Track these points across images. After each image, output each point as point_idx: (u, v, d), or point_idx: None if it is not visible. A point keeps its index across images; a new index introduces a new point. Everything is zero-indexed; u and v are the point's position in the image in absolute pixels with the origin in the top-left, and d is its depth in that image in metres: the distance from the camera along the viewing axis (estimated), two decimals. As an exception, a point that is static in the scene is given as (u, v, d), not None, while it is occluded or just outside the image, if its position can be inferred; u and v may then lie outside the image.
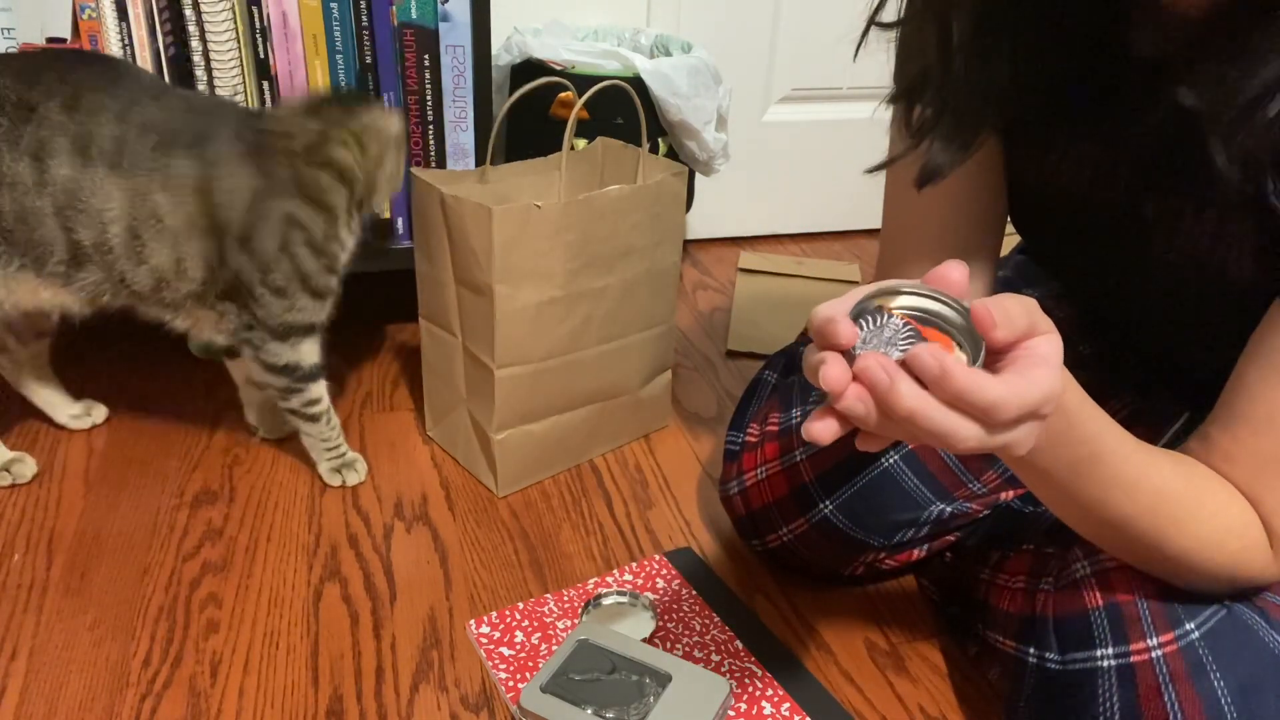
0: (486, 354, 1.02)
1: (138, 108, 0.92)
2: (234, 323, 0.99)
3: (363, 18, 1.19)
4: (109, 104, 0.92)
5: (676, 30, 1.60)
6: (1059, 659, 0.68)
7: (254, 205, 0.93)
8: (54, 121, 0.90)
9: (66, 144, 0.90)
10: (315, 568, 0.96)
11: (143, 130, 0.92)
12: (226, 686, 0.82)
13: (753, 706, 0.81)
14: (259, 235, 0.93)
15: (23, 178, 0.90)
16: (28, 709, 0.80)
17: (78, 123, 0.91)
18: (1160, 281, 0.72)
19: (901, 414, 0.47)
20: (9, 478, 1.03)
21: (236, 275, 0.95)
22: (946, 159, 0.72)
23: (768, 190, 1.78)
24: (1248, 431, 0.62)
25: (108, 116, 0.91)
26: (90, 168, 0.91)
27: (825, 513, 0.86)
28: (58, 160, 0.90)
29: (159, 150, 0.91)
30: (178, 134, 0.92)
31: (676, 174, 1.08)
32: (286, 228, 0.94)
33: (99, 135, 0.91)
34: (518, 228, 0.96)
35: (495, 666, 0.84)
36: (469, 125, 1.27)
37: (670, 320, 1.16)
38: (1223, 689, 0.61)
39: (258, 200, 0.93)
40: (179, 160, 0.92)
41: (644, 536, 1.02)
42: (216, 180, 0.92)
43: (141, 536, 0.99)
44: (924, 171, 0.73)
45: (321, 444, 1.06)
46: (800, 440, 0.88)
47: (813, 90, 1.70)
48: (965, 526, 0.89)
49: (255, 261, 0.94)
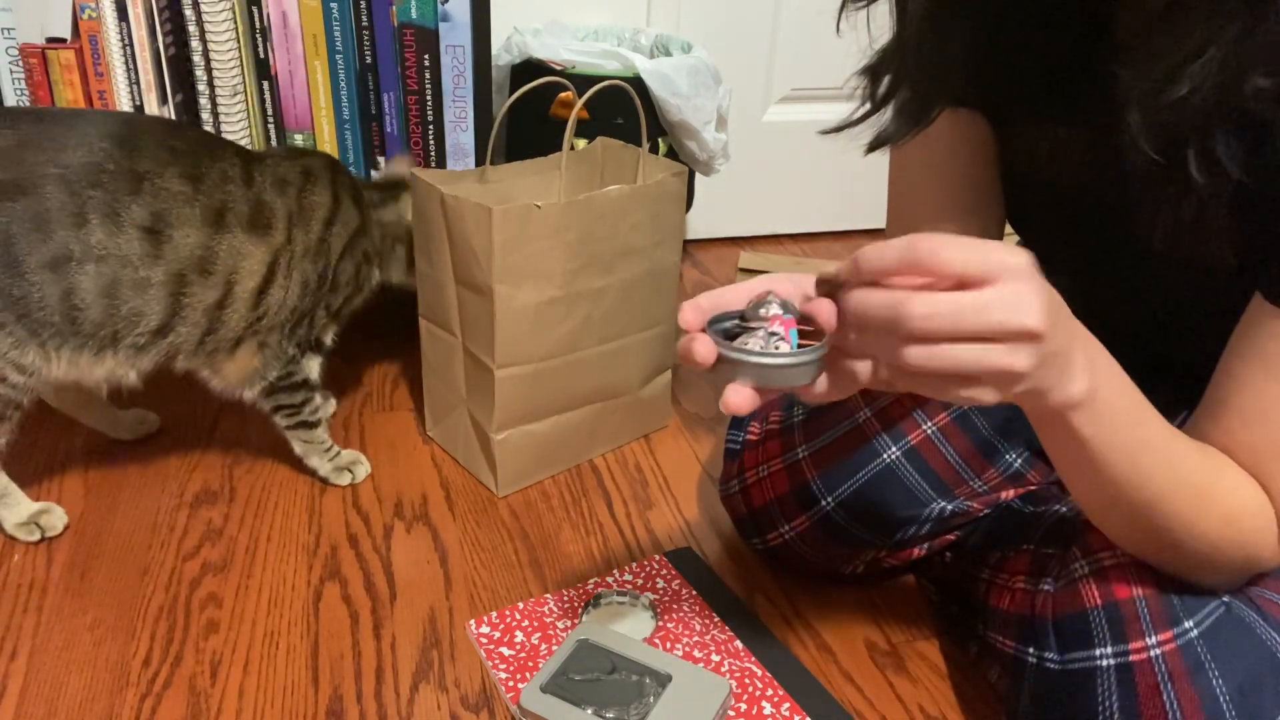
0: (486, 354, 1.02)
1: (256, 165, 0.99)
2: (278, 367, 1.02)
3: (363, 18, 1.19)
4: (230, 171, 0.95)
5: (676, 30, 1.60)
6: (1058, 659, 0.68)
7: (351, 240, 1.06)
8: (173, 192, 0.91)
9: (195, 214, 0.92)
10: (315, 568, 0.96)
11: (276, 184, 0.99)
12: (226, 686, 0.82)
13: (753, 706, 0.81)
14: (345, 263, 1.05)
15: (125, 251, 0.89)
16: (28, 709, 0.80)
17: (205, 192, 0.92)
18: (1149, 272, 0.72)
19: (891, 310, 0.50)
20: (38, 531, 0.98)
21: (313, 301, 1.02)
22: (897, 129, 0.74)
23: (768, 190, 1.78)
24: (1239, 424, 0.63)
25: (233, 179, 0.95)
26: (226, 232, 0.93)
27: (827, 510, 0.86)
28: (183, 231, 0.91)
29: (301, 192, 1.01)
30: (312, 175, 1.03)
31: (676, 174, 1.08)
32: (362, 261, 1.09)
33: (230, 200, 0.94)
34: (518, 228, 0.96)
35: (495, 666, 0.84)
36: (469, 125, 1.27)
37: (670, 320, 1.16)
38: (1221, 687, 0.61)
39: (354, 237, 1.06)
40: (319, 194, 1.02)
41: (644, 536, 1.03)
42: (338, 212, 1.04)
43: (141, 536, 0.99)
44: (874, 139, 0.75)
45: (319, 446, 1.07)
46: (803, 438, 0.89)
47: (813, 90, 1.70)
48: (966, 525, 0.89)
49: (333, 286, 1.05)
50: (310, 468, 1.08)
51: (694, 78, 1.40)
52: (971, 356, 0.50)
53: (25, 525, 0.97)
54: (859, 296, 0.52)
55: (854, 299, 0.52)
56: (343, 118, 1.24)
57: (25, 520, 0.98)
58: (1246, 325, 0.63)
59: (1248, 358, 0.62)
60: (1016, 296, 0.50)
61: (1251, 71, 0.55)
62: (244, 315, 0.97)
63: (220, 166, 0.94)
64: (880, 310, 0.51)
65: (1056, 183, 0.75)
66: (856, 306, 0.52)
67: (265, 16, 1.17)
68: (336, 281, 1.04)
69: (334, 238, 1.03)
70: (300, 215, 0.99)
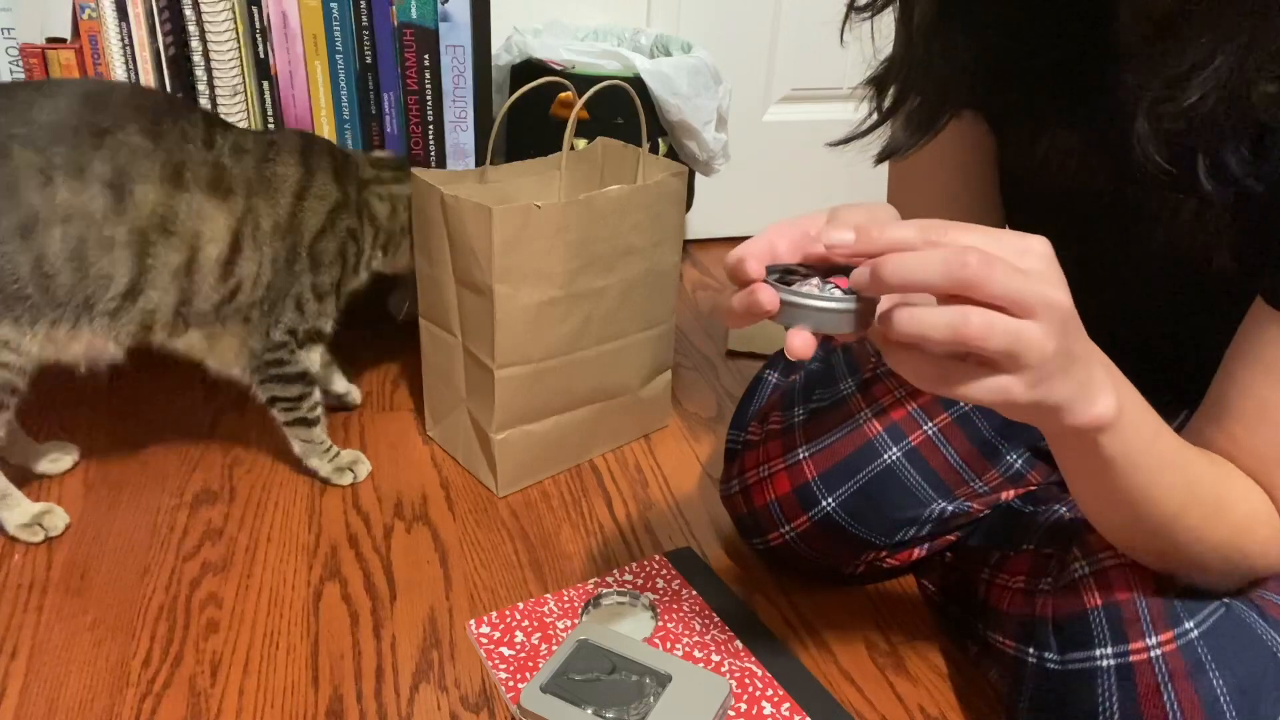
0: (486, 354, 1.02)
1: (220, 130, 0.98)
2: (261, 340, 1.01)
3: (363, 18, 1.19)
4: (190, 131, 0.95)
5: (676, 30, 1.60)
6: (1058, 659, 0.68)
7: (330, 215, 1.04)
8: (133, 146, 0.90)
9: (154, 169, 0.91)
10: (315, 568, 0.96)
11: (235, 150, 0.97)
12: (226, 686, 0.82)
13: (753, 706, 0.81)
14: (325, 241, 1.03)
15: (90, 208, 0.88)
16: (28, 709, 0.80)
17: (165, 149, 0.92)
18: (1148, 274, 0.73)
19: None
20: (41, 532, 0.97)
21: (291, 279, 1.01)
22: (906, 137, 0.74)
23: (768, 190, 1.78)
24: (1242, 429, 0.63)
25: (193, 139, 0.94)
26: (184, 191, 0.92)
27: (827, 510, 0.86)
28: (143, 187, 0.90)
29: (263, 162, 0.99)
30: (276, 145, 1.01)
31: (676, 174, 1.08)
32: (346, 239, 1.06)
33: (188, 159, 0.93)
34: (518, 228, 0.96)
35: (495, 666, 0.84)
36: (469, 125, 1.27)
37: (670, 320, 1.16)
38: (1222, 688, 0.61)
39: (333, 213, 1.04)
40: (285, 166, 1.01)
41: (644, 536, 1.02)
42: (310, 185, 1.02)
43: (141, 536, 0.99)
44: (884, 148, 0.75)
45: (319, 446, 1.07)
46: (803, 438, 0.89)
47: (813, 90, 1.70)
48: (966, 526, 0.89)
49: (314, 264, 1.03)
50: (310, 468, 1.08)
51: (694, 78, 1.40)
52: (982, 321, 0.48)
53: (28, 526, 0.97)
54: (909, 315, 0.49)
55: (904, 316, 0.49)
56: (343, 118, 1.24)
57: (28, 521, 0.97)
58: (1248, 329, 0.63)
59: (1250, 362, 0.62)
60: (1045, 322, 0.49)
61: (1259, 78, 0.55)
62: (214, 285, 0.96)
63: (181, 126, 0.94)
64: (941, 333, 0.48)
65: (1055, 186, 0.75)
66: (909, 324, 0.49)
67: (265, 16, 1.17)
68: (318, 260, 1.03)
69: (307, 212, 1.01)
70: (261, 184, 0.98)
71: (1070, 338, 0.50)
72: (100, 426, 1.16)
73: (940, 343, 0.48)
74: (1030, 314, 0.48)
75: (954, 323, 0.48)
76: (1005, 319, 0.48)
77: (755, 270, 0.52)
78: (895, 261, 0.49)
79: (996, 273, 0.47)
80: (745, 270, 0.52)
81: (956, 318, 0.48)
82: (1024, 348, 0.48)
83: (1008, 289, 0.48)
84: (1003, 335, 0.48)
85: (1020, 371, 0.49)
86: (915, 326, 0.49)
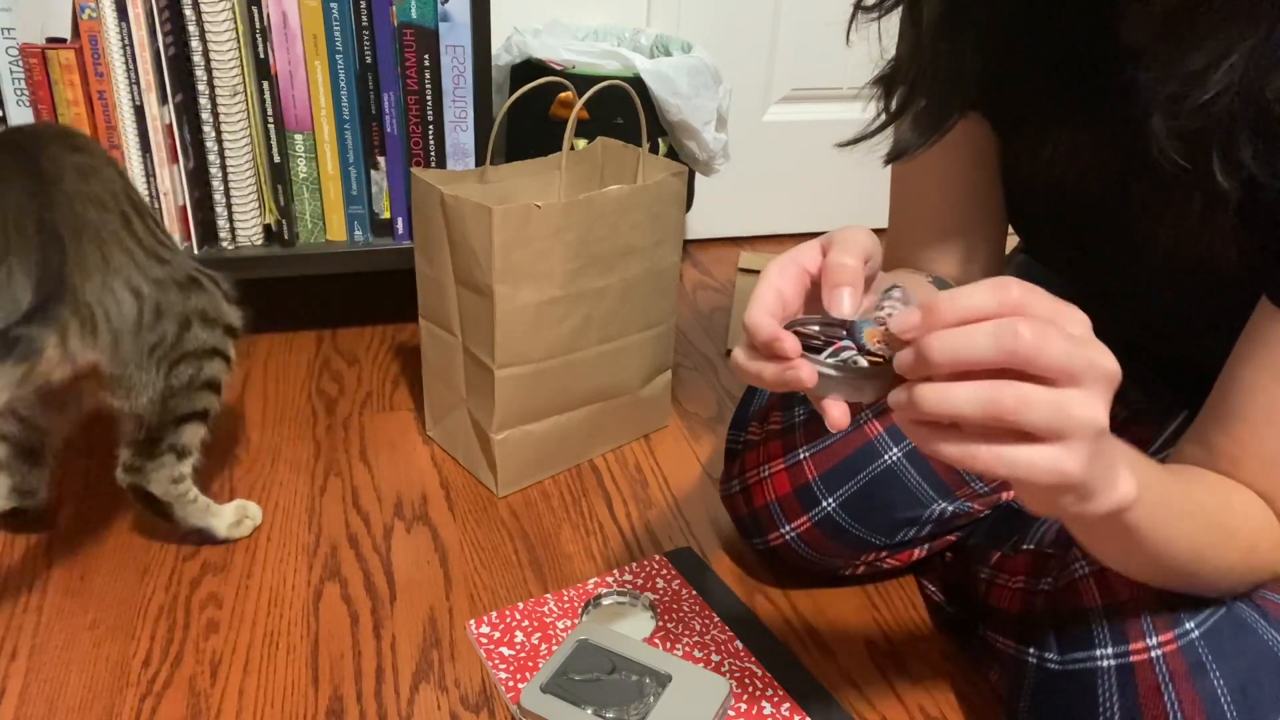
0: (486, 354, 1.02)
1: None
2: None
3: (363, 18, 1.19)
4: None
5: (676, 30, 1.60)
6: (1059, 659, 0.68)
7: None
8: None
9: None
10: (315, 568, 0.96)
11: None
12: (226, 686, 0.82)
13: (753, 706, 0.81)
14: None
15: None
16: (28, 709, 0.80)
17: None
18: (1153, 274, 0.72)
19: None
20: (249, 523, 0.99)
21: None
22: (915, 138, 0.73)
23: (768, 190, 1.78)
24: (1248, 431, 0.62)
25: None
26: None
27: (828, 510, 0.86)
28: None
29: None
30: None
31: (676, 174, 1.08)
32: None
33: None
34: (518, 228, 0.96)
35: (495, 666, 0.84)
36: (469, 125, 1.27)
37: (670, 320, 1.16)
38: (1222, 688, 0.61)
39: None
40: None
41: (644, 536, 1.02)
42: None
43: (141, 537, 0.99)
44: (892, 149, 0.75)
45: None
46: (804, 438, 0.89)
47: (813, 90, 1.70)
48: (966, 526, 0.89)
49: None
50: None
51: (694, 78, 1.40)
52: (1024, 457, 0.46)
53: (237, 524, 0.99)
54: (935, 393, 0.46)
55: (930, 395, 0.47)
56: (343, 118, 1.24)
57: (234, 519, 0.99)
58: (1253, 330, 0.62)
59: (1256, 363, 0.62)
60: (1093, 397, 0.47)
61: (1274, 73, 0.55)
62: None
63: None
64: (973, 409, 0.46)
65: (1059, 184, 0.75)
66: (938, 404, 0.46)
67: (265, 16, 1.17)
68: None
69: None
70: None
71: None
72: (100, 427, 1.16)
73: (973, 420, 0.46)
74: (1075, 381, 0.45)
75: (984, 398, 0.45)
76: (1041, 391, 0.45)
77: (793, 348, 0.51)
78: (943, 341, 0.46)
79: (1051, 343, 0.45)
80: (784, 349, 0.51)
81: (988, 394, 0.45)
82: (1071, 420, 0.45)
83: (1058, 359, 0.45)
84: (1044, 409, 0.45)
85: (1071, 448, 0.46)
86: (946, 406, 0.46)
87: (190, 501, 0.95)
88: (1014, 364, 0.45)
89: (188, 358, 0.90)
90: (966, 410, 0.46)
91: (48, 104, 1.15)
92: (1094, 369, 0.46)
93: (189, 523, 0.95)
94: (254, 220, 1.26)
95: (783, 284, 0.54)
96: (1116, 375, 0.47)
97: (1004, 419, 0.45)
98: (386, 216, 1.30)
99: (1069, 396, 0.45)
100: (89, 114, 1.16)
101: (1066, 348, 0.45)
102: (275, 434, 1.11)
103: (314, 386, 1.26)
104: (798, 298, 0.56)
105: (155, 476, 0.91)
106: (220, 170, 1.22)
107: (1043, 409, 0.45)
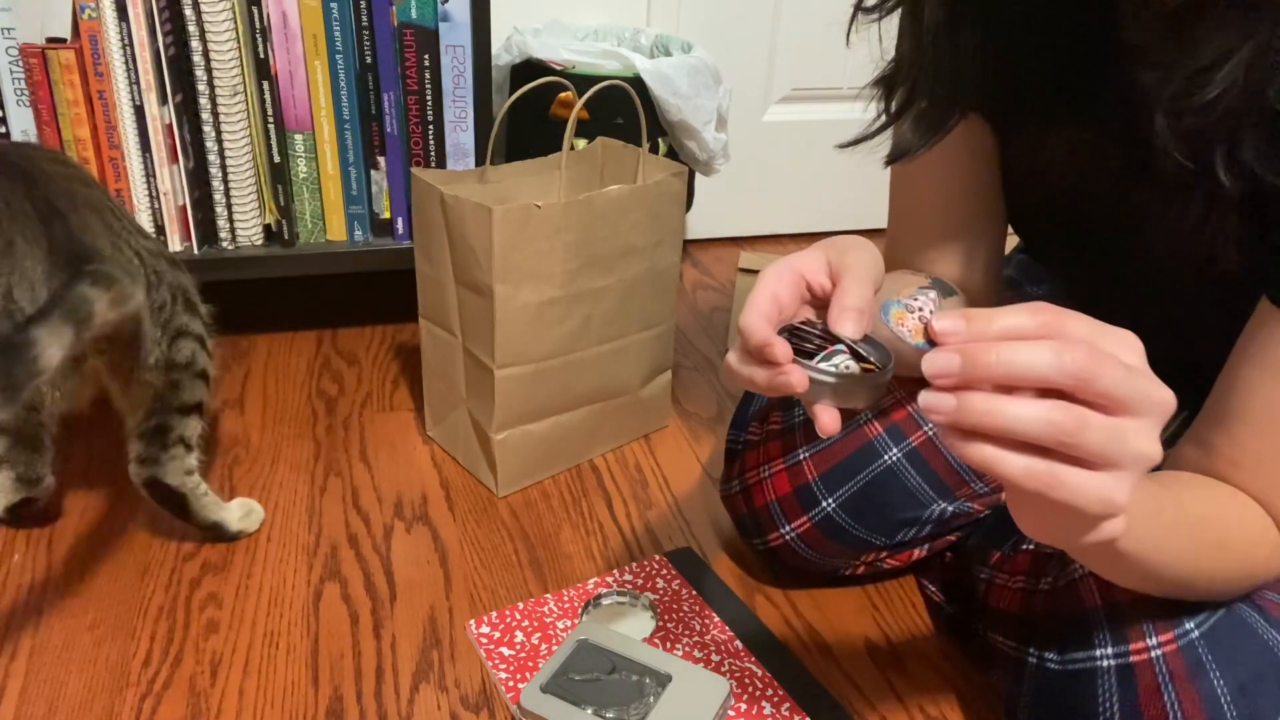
0: (486, 354, 1.02)
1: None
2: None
3: (363, 18, 1.19)
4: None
5: (676, 30, 1.60)
6: (1059, 659, 0.68)
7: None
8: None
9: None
10: (315, 568, 0.96)
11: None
12: (226, 686, 0.82)
13: (753, 706, 0.81)
14: None
15: None
16: (28, 709, 0.80)
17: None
18: (1153, 274, 0.72)
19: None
20: (256, 516, 1.01)
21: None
22: (916, 139, 0.73)
23: (768, 190, 1.78)
24: (1248, 433, 0.62)
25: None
26: None
27: (828, 511, 0.86)
28: None
29: None
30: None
31: (676, 174, 1.08)
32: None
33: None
34: (518, 228, 0.96)
35: (495, 666, 0.84)
36: (469, 125, 1.27)
37: (670, 320, 1.16)
38: (1222, 688, 0.61)
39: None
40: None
41: (644, 536, 1.02)
42: None
43: (141, 536, 0.99)
44: (893, 150, 0.75)
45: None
46: (804, 438, 0.89)
47: (813, 90, 1.70)
48: (966, 526, 0.89)
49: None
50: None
51: (694, 78, 1.40)
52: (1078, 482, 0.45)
53: (244, 516, 0.99)
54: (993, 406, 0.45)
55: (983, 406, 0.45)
56: (343, 118, 1.24)
57: (242, 513, 0.99)
58: (1253, 331, 0.62)
59: (1256, 364, 0.62)
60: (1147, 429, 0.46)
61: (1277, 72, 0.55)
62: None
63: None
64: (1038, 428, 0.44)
65: (1059, 184, 0.75)
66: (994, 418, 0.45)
67: (265, 16, 1.17)
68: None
69: None
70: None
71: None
72: (100, 427, 1.16)
73: (1030, 436, 0.44)
74: (1129, 411, 0.45)
75: (1053, 419, 0.44)
76: (1102, 417, 0.44)
77: (784, 354, 0.51)
78: (1004, 352, 0.45)
79: (1107, 369, 0.44)
80: (774, 354, 0.51)
81: (1058, 414, 0.44)
82: (1126, 451, 0.45)
83: (1114, 386, 0.44)
84: (1104, 436, 0.44)
85: (1121, 478, 0.45)
86: (997, 419, 0.45)
87: (203, 494, 0.95)
88: (1069, 385, 0.44)
89: (183, 335, 0.92)
90: (1024, 426, 0.44)
91: (48, 104, 1.15)
92: (1149, 400, 0.45)
93: (202, 515, 0.95)
94: (254, 220, 1.26)
95: (779, 289, 0.55)
96: (1171, 405, 0.46)
97: (1064, 440, 0.44)
98: (386, 216, 1.30)
99: (1126, 425, 0.45)
100: (89, 114, 1.16)
101: (1123, 375, 0.45)
102: (275, 434, 1.10)
103: (314, 386, 1.26)
104: (793, 303, 0.56)
105: (170, 468, 0.92)
106: (220, 170, 1.22)
107: (1102, 435, 0.44)
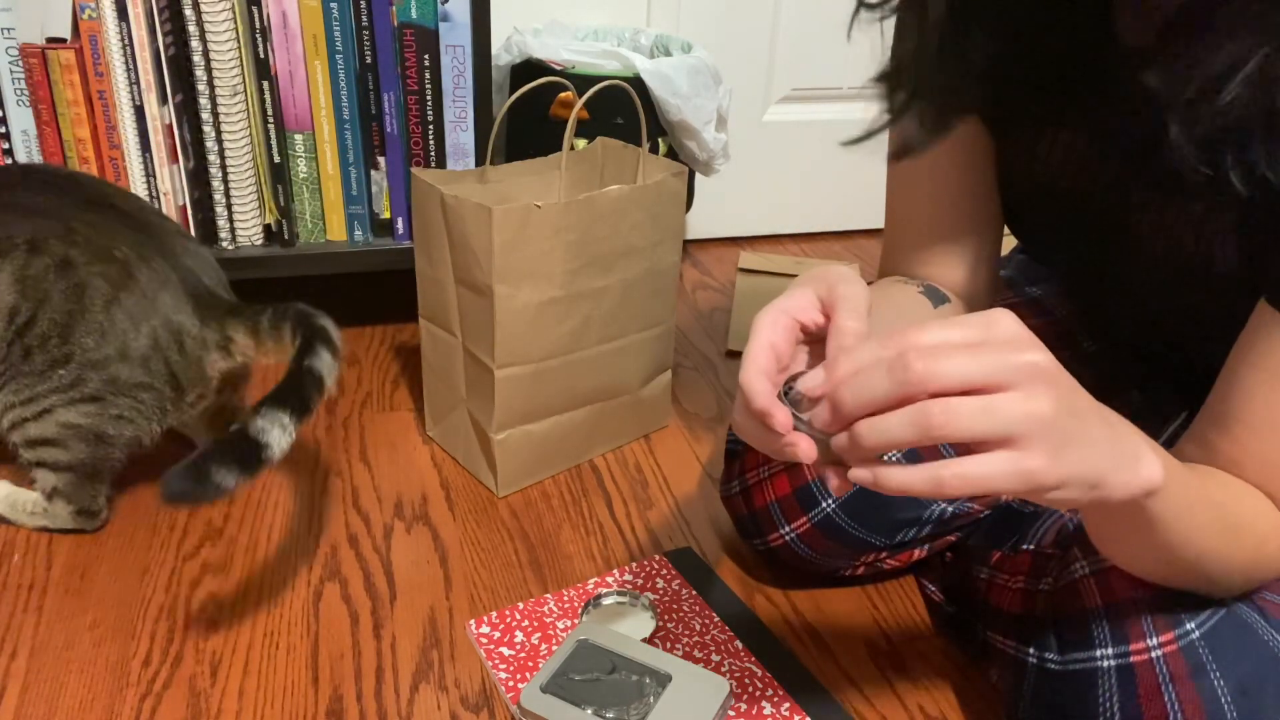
0: (486, 354, 1.02)
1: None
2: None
3: (363, 18, 1.19)
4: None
5: (676, 30, 1.60)
6: (1059, 659, 0.68)
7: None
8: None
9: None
10: (315, 568, 0.96)
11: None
12: (226, 686, 0.82)
13: (753, 706, 0.81)
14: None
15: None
16: (28, 709, 0.80)
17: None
18: (1150, 274, 0.72)
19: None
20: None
21: None
22: (920, 137, 0.73)
23: (768, 190, 1.78)
24: (1248, 434, 0.62)
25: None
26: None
27: (828, 511, 0.86)
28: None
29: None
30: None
31: (676, 174, 1.08)
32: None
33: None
34: (518, 228, 0.96)
35: (495, 666, 0.84)
36: (469, 125, 1.27)
37: (670, 320, 1.16)
38: (1223, 688, 0.61)
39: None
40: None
41: (644, 536, 1.02)
42: None
43: (141, 536, 0.99)
44: (898, 148, 0.75)
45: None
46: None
47: (813, 90, 1.70)
48: (966, 526, 0.89)
49: None
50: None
51: (694, 78, 1.40)
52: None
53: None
54: (868, 426, 0.48)
55: (865, 430, 0.48)
56: (343, 118, 1.24)
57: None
58: (1252, 332, 0.62)
59: (1254, 365, 0.62)
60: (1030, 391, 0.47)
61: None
62: None
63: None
64: (908, 433, 0.47)
65: (1056, 185, 0.75)
66: (873, 436, 0.48)
67: (265, 16, 1.17)
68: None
69: None
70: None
71: (1071, 396, 0.49)
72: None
73: (909, 442, 0.47)
74: (1003, 386, 0.46)
75: (915, 420, 0.46)
76: (969, 400, 0.46)
77: (784, 424, 0.51)
78: (847, 390, 0.48)
79: (943, 362, 0.46)
80: (775, 425, 0.52)
81: (916, 414, 0.46)
82: (1006, 420, 0.46)
83: (964, 372, 0.46)
84: (973, 415, 0.46)
85: (1025, 446, 0.47)
86: (880, 436, 0.48)
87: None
88: (916, 392, 0.46)
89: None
90: (899, 434, 0.47)
91: (48, 104, 1.15)
92: (1008, 368, 0.47)
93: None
94: (254, 220, 1.26)
95: (774, 337, 0.55)
96: (1040, 364, 0.47)
97: (933, 432, 0.46)
98: (386, 216, 1.30)
99: (996, 399, 0.46)
100: (89, 114, 1.16)
101: (966, 359, 0.46)
102: (275, 434, 1.10)
103: (314, 386, 1.26)
104: (790, 348, 0.56)
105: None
106: (220, 170, 1.22)
107: (969, 415, 0.46)
